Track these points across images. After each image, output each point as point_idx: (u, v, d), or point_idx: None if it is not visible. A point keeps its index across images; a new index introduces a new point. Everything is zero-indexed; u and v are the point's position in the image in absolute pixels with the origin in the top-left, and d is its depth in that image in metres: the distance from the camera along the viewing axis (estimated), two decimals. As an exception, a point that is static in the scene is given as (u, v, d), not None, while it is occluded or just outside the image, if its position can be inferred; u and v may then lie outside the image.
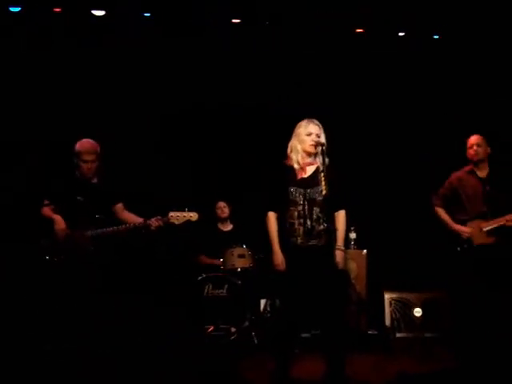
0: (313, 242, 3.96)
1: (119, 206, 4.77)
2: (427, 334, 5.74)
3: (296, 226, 3.99)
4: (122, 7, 5.91)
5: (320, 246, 3.95)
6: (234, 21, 6.10)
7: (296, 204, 4.01)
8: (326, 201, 3.88)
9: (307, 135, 4.06)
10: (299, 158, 4.08)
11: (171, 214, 4.54)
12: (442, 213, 5.15)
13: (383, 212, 6.34)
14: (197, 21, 6.06)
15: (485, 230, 4.90)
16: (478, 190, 4.99)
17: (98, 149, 4.67)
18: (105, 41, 6.03)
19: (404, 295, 5.89)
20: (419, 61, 6.43)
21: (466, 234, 4.95)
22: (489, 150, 5.04)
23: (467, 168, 5.11)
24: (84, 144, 4.65)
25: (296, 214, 4.00)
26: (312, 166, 4.10)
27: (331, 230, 3.89)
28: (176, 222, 4.55)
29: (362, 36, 6.32)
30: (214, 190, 6.30)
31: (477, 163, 5.02)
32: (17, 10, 5.82)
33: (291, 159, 4.12)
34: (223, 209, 6.17)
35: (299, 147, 4.08)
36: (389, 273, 6.06)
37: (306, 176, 4.09)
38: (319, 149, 4.00)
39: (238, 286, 5.54)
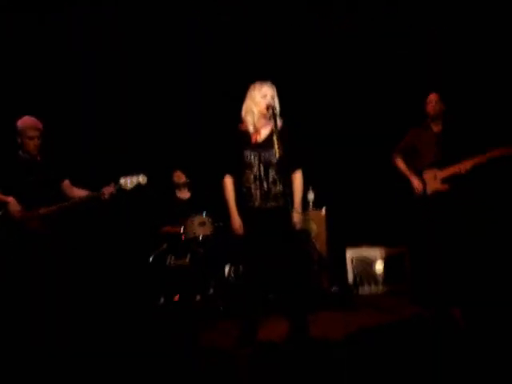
0: (270, 205, 3.97)
1: (66, 182, 4.69)
2: (389, 289, 5.88)
3: (253, 190, 4.00)
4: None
5: (278, 208, 3.95)
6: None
7: (252, 167, 4.01)
8: (281, 162, 3.87)
9: (262, 97, 4.02)
10: (255, 120, 4.06)
11: (121, 179, 4.50)
12: (400, 163, 5.28)
13: (339, 170, 6.38)
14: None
15: (439, 177, 5.01)
16: (433, 142, 5.14)
17: (41, 125, 4.56)
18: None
19: (365, 252, 6.04)
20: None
21: (417, 187, 5.06)
22: (443, 106, 5.16)
23: (424, 124, 5.24)
24: (27, 121, 4.53)
25: (252, 177, 4.00)
26: (266, 129, 4.08)
27: (288, 192, 3.90)
28: (128, 187, 4.50)
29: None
30: (169, 159, 6.21)
31: (433, 118, 5.15)
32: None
33: (246, 122, 4.09)
34: (180, 175, 6.14)
35: (255, 109, 4.05)
36: (349, 231, 6.14)
37: (260, 139, 4.07)
38: (271, 111, 3.98)
39: (200, 255, 5.54)
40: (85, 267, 5.22)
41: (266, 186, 3.97)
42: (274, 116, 3.94)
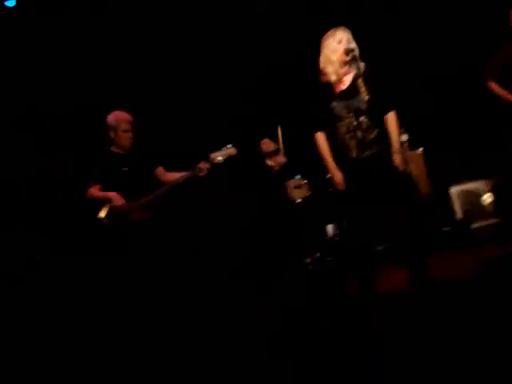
0: (367, 153, 3.81)
1: (160, 169, 4.71)
2: (501, 220, 5.58)
3: (347, 141, 3.84)
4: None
5: (376, 155, 3.79)
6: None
7: (342, 118, 3.85)
8: (371, 107, 3.71)
9: (338, 43, 3.84)
10: (336, 69, 3.87)
11: (211, 155, 4.48)
12: (496, 87, 4.86)
13: (428, 108, 6.07)
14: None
15: None
16: None
17: (132, 118, 4.65)
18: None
19: (470, 186, 5.74)
20: None
21: None
22: None
23: None
24: (120, 115, 4.63)
25: (344, 128, 3.84)
26: (349, 75, 3.90)
27: (383, 136, 3.73)
28: (220, 160, 4.49)
29: None
30: (253, 129, 6.12)
31: None
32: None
33: (326, 73, 3.91)
34: (268, 144, 6.04)
35: (333, 57, 3.86)
36: (449, 168, 5.87)
37: (345, 87, 3.89)
38: (351, 55, 3.79)
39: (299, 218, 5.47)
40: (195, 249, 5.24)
41: (359, 134, 3.80)
42: (354, 59, 3.77)
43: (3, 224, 5.33)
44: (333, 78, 3.89)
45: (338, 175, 3.88)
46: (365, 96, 3.69)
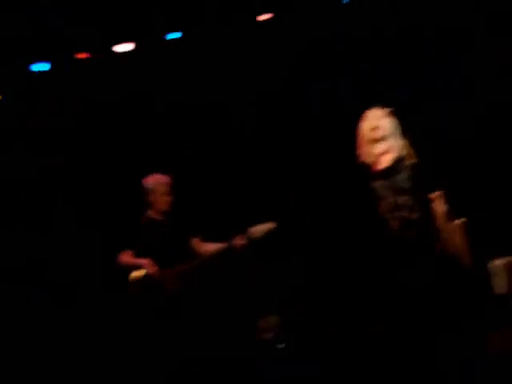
0: (411, 233, 3.69)
1: (196, 239, 4.64)
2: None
3: (389, 221, 3.72)
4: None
5: (419, 236, 3.69)
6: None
7: (382, 198, 3.73)
8: (415, 186, 3.64)
9: (372, 131, 3.73)
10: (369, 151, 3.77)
11: (250, 230, 4.35)
12: None
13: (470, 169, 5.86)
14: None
15: None
16: None
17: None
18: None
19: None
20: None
21: None
22: None
23: None
24: (159, 178, 4.65)
25: (385, 208, 3.72)
26: (388, 155, 3.78)
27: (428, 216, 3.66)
28: (259, 236, 4.37)
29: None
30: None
31: None
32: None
33: (360, 155, 3.83)
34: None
35: (361, 137, 3.77)
36: (492, 240, 5.66)
37: (384, 166, 3.77)
38: (379, 133, 3.73)
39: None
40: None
41: (402, 214, 3.69)
42: (385, 138, 3.70)
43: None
44: (367, 159, 3.80)
45: None
46: (407, 174, 3.60)
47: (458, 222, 5.48)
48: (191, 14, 5.59)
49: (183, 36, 5.71)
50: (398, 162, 3.69)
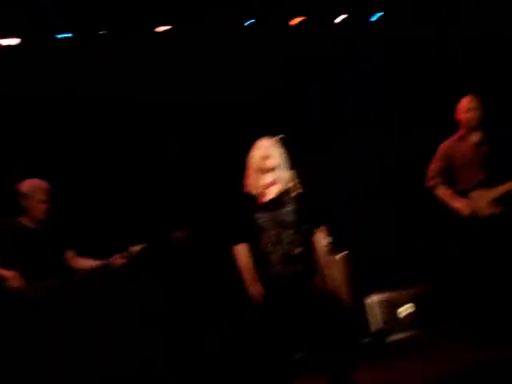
0: (290, 269, 3.58)
1: (70, 252, 4.33)
2: (420, 332, 5.44)
3: (269, 255, 3.59)
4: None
5: (299, 273, 3.59)
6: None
7: (265, 231, 3.61)
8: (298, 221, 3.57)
9: (263, 159, 3.66)
10: (255, 181, 3.69)
11: (130, 248, 4.24)
12: (443, 191, 4.67)
13: (352, 206, 5.96)
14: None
15: (490, 198, 4.47)
16: (474, 155, 4.57)
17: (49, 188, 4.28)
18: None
19: (389, 295, 5.55)
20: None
21: (464, 209, 4.50)
22: (482, 112, 4.61)
23: (457, 135, 4.67)
24: (36, 183, 4.26)
25: (267, 241, 3.60)
26: (274, 187, 3.70)
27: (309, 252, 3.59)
28: (134, 252, 4.24)
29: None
30: (169, 219, 5.76)
31: (473, 128, 4.58)
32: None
33: (246, 185, 3.74)
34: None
35: (251, 166, 3.70)
36: (371, 274, 5.72)
37: (269, 199, 3.68)
38: (270, 163, 3.68)
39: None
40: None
41: (283, 248, 3.57)
42: (274, 168, 3.64)
43: None
44: (253, 190, 3.70)
45: (256, 288, 3.62)
46: (292, 207, 3.54)
47: (338, 256, 5.61)
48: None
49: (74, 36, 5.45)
50: (283, 195, 3.61)
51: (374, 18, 6.03)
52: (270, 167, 3.65)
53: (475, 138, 4.63)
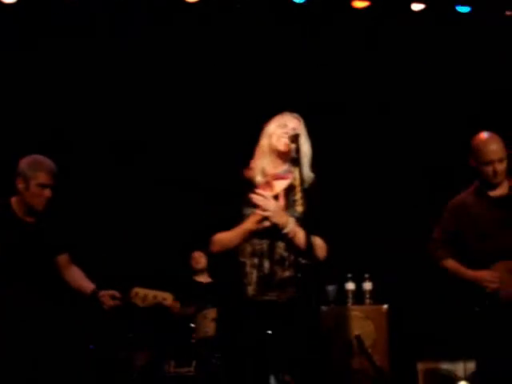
0: (271, 295, 2.64)
1: (64, 257, 3.41)
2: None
3: (247, 269, 2.67)
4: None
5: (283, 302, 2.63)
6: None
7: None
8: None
9: (280, 127, 2.74)
10: (265, 165, 2.76)
11: (136, 289, 3.20)
12: (450, 263, 3.41)
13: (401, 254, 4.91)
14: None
15: None
16: (495, 218, 3.30)
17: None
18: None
19: (443, 366, 4.46)
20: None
21: (490, 284, 3.31)
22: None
23: (472, 188, 3.41)
24: (41, 162, 3.23)
25: (249, 250, 2.68)
26: (283, 181, 2.76)
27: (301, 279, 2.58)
28: (140, 304, 3.21)
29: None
30: (187, 239, 5.08)
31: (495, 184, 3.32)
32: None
33: (254, 168, 2.81)
34: (198, 259, 5.08)
35: (267, 149, 2.76)
36: (420, 336, 4.66)
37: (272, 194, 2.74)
38: (294, 152, 2.64)
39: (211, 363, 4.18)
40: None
41: (267, 266, 2.63)
42: (297, 161, 2.63)
43: None
44: (258, 177, 2.76)
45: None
46: (293, 217, 2.63)
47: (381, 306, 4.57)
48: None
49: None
50: (290, 196, 2.73)
51: None
52: (289, 151, 2.69)
53: (497, 192, 3.35)
